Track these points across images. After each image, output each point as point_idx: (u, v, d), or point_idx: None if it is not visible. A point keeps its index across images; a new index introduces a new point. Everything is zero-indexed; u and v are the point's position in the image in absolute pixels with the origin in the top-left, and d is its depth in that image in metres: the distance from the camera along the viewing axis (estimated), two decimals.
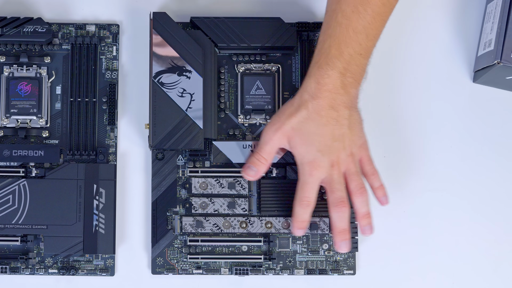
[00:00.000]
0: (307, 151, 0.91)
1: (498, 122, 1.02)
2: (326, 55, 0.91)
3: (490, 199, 1.01)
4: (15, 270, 0.97)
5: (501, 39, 0.97)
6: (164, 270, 0.98)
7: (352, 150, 0.92)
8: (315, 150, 0.91)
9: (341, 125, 0.91)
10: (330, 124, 0.91)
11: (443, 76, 1.03)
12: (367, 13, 0.90)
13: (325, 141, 0.91)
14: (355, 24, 0.90)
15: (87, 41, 1.00)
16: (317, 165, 0.92)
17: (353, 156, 0.93)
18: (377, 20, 0.91)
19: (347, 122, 0.92)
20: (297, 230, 0.94)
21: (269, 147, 0.93)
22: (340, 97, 0.91)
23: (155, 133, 0.96)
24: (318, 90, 0.91)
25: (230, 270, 0.98)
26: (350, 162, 0.92)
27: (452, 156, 1.02)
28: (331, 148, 0.91)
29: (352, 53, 0.90)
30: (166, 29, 0.97)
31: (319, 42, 0.92)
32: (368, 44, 0.91)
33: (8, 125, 0.98)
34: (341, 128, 0.91)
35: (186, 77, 0.97)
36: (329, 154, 0.91)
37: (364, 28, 0.90)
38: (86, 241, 0.96)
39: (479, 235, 1.00)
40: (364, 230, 0.95)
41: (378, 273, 1.00)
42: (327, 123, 0.91)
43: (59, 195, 0.96)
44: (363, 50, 0.91)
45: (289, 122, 0.92)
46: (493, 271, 1.00)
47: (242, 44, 0.99)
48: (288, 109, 0.92)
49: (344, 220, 0.93)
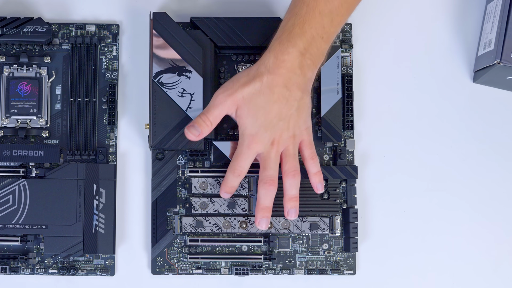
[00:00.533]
0: (251, 124, 0.92)
1: (498, 122, 1.02)
2: (289, 32, 0.91)
3: (490, 199, 1.01)
4: (15, 270, 0.97)
5: (501, 39, 0.97)
6: (164, 270, 0.98)
7: (295, 132, 0.93)
8: (259, 124, 0.91)
9: (290, 106, 0.91)
10: (280, 103, 0.91)
11: (443, 76, 1.03)
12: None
13: (271, 118, 0.91)
14: (322, 7, 0.91)
15: (87, 41, 1.00)
16: (257, 140, 0.92)
17: (294, 138, 0.93)
18: (344, 7, 0.92)
19: (297, 104, 0.92)
20: (225, 194, 0.96)
21: (218, 111, 0.93)
22: (296, 77, 0.91)
23: (155, 133, 0.96)
24: (275, 65, 0.91)
25: (230, 270, 0.98)
26: (290, 144, 0.93)
27: (452, 156, 1.02)
28: (275, 126, 0.91)
29: (314, 35, 0.91)
30: (166, 29, 0.97)
31: (284, 20, 0.93)
32: (331, 30, 0.92)
33: (8, 125, 0.98)
34: (289, 109, 0.92)
35: (186, 77, 0.97)
36: (272, 132, 0.92)
37: (330, 12, 0.91)
38: (86, 241, 0.96)
39: (479, 235, 1.00)
40: (289, 212, 0.94)
41: (378, 273, 1.00)
42: (277, 100, 0.91)
43: (59, 195, 0.96)
44: (326, 34, 0.92)
45: (241, 91, 0.92)
46: (493, 271, 1.00)
47: (242, 44, 0.99)
48: (242, 78, 0.92)
49: (269, 198, 0.93)
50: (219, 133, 1.00)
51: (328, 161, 1.00)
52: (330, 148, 1.00)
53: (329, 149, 1.00)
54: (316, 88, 1.01)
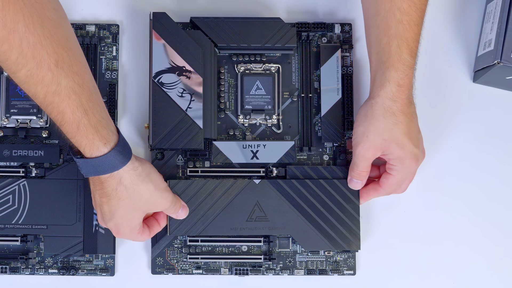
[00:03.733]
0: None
1: (498, 122, 1.02)
2: (398, 56, 0.90)
3: (490, 199, 1.01)
4: (15, 270, 0.97)
5: (501, 39, 0.97)
6: (164, 270, 0.98)
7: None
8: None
9: (416, 116, 0.94)
10: (413, 118, 0.93)
11: (443, 76, 1.03)
12: (421, 2, 0.89)
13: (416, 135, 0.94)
14: (415, 17, 0.89)
15: (87, 41, 1.00)
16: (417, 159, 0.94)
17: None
18: (426, 6, 0.91)
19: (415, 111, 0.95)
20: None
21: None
22: (412, 89, 0.92)
23: (155, 133, 0.96)
24: (399, 92, 0.90)
25: (230, 270, 0.98)
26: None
27: (452, 155, 1.01)
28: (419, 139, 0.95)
29: (417, 45, 0.91)
30: (166, 29, 0.97)
31: (383, 45, 0.90)
32: (421, 31, 0.92)
33: (8, 125, 0.98)
34: (416, 119, 0.94)
35: (186, 77, 0.97)
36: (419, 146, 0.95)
37: (421, 18, 0.90)
38: (86, 241, 0.96)
39: (479, 235, 1.00)
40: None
41: (378, 273, 1.00)
42: (412, 118, 0.93)
43: (59, 195, 0.96)
44: (419, 37, 0.92)
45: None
46: (493, 271, 1.00)
47: (242, 44, 0.99)
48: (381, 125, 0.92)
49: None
50: (219, 133, 1.00)
51: (328, 161, 1.00)
52: (330, 148, 1.00)
53: (329, 149, 1.00)
54: (316, 88, 1.01)
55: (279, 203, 0.96)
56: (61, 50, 0.80)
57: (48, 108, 0.82)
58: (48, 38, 0.79)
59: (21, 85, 0.81)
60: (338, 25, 1.02)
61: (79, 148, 0.85)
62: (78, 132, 0.84)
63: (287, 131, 1.01)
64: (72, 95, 0.82)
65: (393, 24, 0.89)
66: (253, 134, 1.00)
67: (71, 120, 0.83)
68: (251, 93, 1.00)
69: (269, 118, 1.00)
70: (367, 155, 0.93)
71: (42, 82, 0.80)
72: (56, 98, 0.81)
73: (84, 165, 0.86)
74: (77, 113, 0.83)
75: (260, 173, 0.98)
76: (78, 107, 0.82)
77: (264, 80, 1.00)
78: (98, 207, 0.91)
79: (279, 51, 1.01)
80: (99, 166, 0.86)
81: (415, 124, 0.93)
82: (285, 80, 1.01)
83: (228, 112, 1.01)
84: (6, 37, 0.76)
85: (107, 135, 0.85)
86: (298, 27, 1.01)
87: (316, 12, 1.03)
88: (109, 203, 0.89)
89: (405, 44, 0.89)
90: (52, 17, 0.80)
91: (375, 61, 0.92)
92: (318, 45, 1.01)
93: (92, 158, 0.85)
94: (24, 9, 0.77)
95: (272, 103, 1.00)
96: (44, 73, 0.79)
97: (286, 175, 0.98)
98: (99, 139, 0.85)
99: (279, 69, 1.01)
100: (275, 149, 0.98)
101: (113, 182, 0.87)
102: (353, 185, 0.96)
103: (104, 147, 0.85)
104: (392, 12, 0.89)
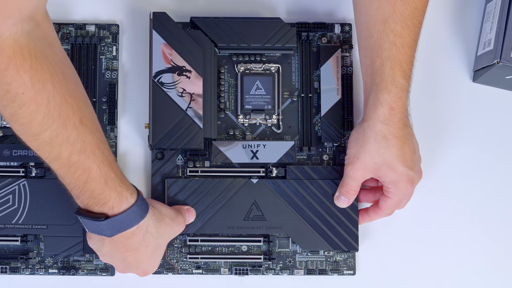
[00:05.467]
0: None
1: (497, 121, 1.02)
2: (391, 78, 0.89)
3: (491, 198, 1.01)
4: (15, 270, 0.97)
5: (500, 39, 0.97)
6: (163, 270, 0.98)
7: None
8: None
9: (413, 137, 0.94)
10: (408, 141, 0.92)
11: (443, 76, 1.03)
12: (415, 25, 0.89)
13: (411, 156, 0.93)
14: (409, 40, 0.89)
15: (87, 41, 1.00)
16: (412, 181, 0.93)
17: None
18: (420, 29, 0.90)
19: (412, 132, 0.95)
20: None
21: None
22: (407, 111, 0.92)
23: (155, 133, 0.96)
24: (392, 115, 0.90)
25: (230, 270, 0.98)
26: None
27: (452, 155, 1.02)
28: (414, 161, 0.93)
29: (411, 68, 0.90)
30: (166, 29, 0.97)
31: (376, 67, 0.90)
32: (414, 53, 0.91)
33: (8, 125, 0.98)
34: (413, 139, 0.94)
35: (186, 77, 0.97)
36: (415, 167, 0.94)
37: (415, 40, 0.89)
38: (86, 241, 0.96)
39: (479, 235, 1.00)
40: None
41: (378, 273, 1.00)
42: (406, 141, 0.91)
43: (59, 195, 0.96)
44: (413, 60, 0.91)
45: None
46: (493, 271, 1.00)
47: (242, 44, 0.99)
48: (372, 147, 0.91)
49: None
50: (219, 133, 1.00)
51: (328, 161, 1.00)
52: (330, 148, 1.00)
53: (329, 149, 1.00)
54: (316, 88, 1.01)
55: (277, 202, 0.96)
56: (83, 107, 0.79)
57: (72, 168, 0.81)
58: (72, 96, 0.78)
59: (42, 147, 0.79)
60: (338, 25, 1.02)
61: (105, 206, 0.83)
62: (106, 186, 0.82)
63: (287, 131, 1.01)
64: (96, 150, 0.81)
65: (387, 46, 0.88)
66: (253, 134, 1.00)
67: (98, 176, 0.82)
68: (251, 93, 1.00)
69: (269, 118, 1.00)
70: (356, 176, 0.93)
71: (67, 141, 0.79)
72: (82, 156, 0.80)
73: (109, 225, 0.83)
74: (103, 168, 0.82)
75: (260, 173, 0.98)
76: (104, 162, 0.82)
77: (264, 80, 1.00)
78: (119, 262, 0.88)
79: (279, 51, 1.01)
80: (127, 220, 0.84)
81: (409, 146, 0.92)
82: (285, 80, 1.01)
83: (228, 112, 1.01)
84: (34, 97, 0.75)
85: (129, 184, 0.84)
86: (298, 27, 1.01)
87: (316, 12, 1.03)
88: (135, 255, 0.87)
89: (398, 66, 0.89)
90: (71, 75, 0.80)
91: (369, 83, 0.91)
92: (318, 45, 1.02)
93: (119, 214, 0.83)
94: (50, 67, 0.76)
95: (272, 103, 1.00)
96: (69, 132, 0.78)
97: (286, 175, 0.98)
98: (126, 189, 0.84)
99: (279, 69, 1.01)
100: (275, 149, 0.98)
101: (140, 233, 0.86)
102: (340, 203, 0.96)
103: (131, 197, 0.84)
104: (385, 34, 0.88)
